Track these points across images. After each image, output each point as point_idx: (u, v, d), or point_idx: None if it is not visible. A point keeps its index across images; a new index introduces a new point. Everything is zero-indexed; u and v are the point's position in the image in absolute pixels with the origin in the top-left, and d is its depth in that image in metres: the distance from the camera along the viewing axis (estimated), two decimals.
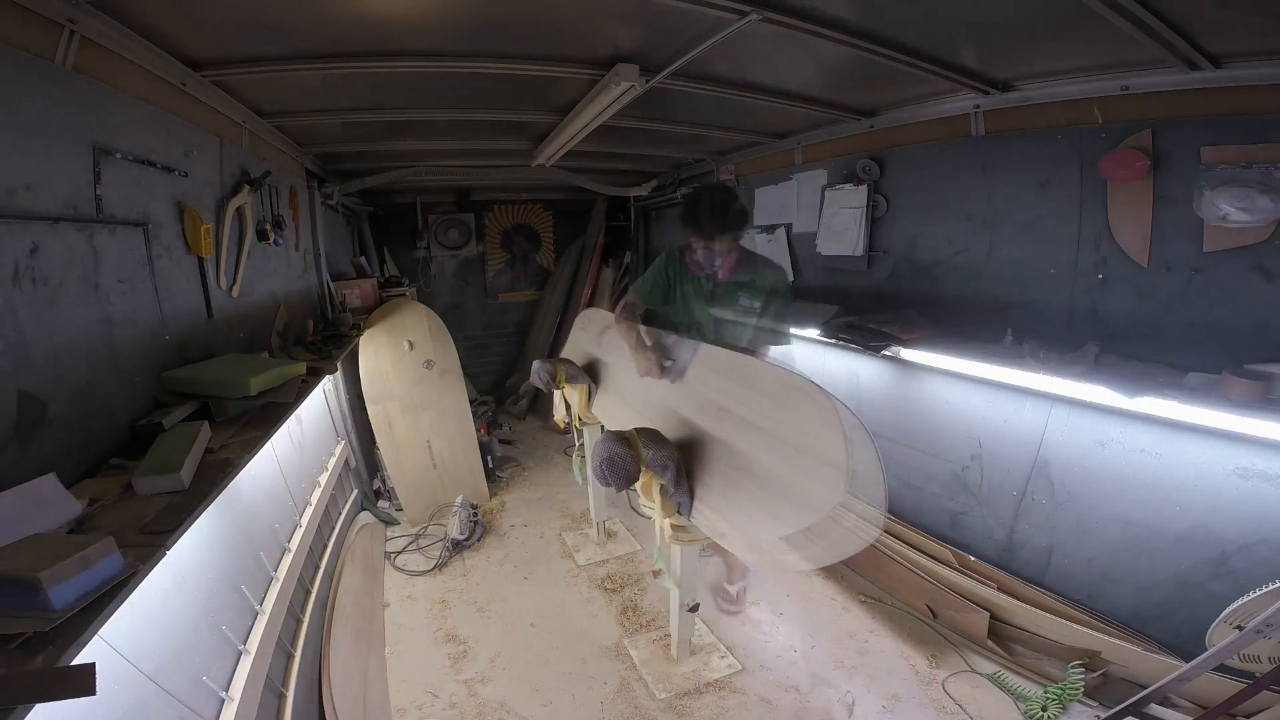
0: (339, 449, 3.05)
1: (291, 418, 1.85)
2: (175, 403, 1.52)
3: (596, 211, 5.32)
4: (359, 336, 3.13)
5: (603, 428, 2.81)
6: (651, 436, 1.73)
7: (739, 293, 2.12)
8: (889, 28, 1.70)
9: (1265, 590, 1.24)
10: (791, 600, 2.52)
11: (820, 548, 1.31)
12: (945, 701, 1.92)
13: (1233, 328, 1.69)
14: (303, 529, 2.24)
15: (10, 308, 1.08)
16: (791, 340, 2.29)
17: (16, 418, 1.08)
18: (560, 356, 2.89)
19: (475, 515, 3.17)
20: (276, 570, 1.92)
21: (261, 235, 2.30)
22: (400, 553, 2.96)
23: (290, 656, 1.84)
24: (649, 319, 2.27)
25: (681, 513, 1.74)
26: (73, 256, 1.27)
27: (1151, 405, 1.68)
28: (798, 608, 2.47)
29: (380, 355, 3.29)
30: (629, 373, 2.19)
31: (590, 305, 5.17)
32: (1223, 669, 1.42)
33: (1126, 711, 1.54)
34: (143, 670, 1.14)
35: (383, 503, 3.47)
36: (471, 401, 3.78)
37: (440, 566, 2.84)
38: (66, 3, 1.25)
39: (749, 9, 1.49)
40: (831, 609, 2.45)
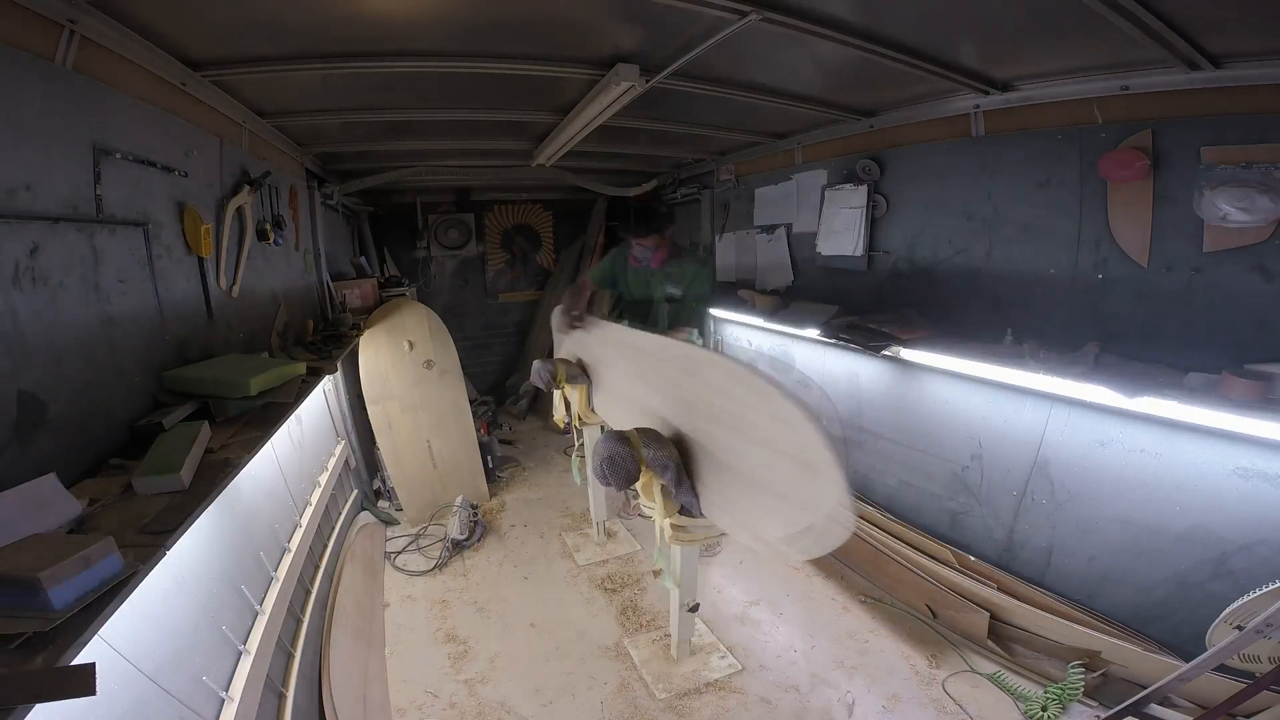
0: (339, 449, 3.05)
1: (291, 418, 1.85)
2: (175, 403, 1.52)
3: (596, 211, 5.32)
4: (359, 336, 3.14)
5: (603, 428, 2.81)
6: (651, 436, 1.73)
7: (664, 280, 2.78)
8: (889, 28, 1.70)
9: (1265, 590, 1.24)
10: (791, 600, 2.52)
11: (808, 540, 1.36)
12: (945, 701, 1.92)
13: (1233, 328, 1.69)
14: (303, 529, 2.24)
15: (10, 308, 1.08)
16: (704, 324, 2.92)
17: (16, 418, 1.08)
18: (560, 357, 2.89)
19: (475, 515, 3.17)
20: (276, 570, 1.92)
21: (261, 235, 2.30)
22: (400, 553, 2.96)
23: (290, 656, 1.84)
24: (597, 299, 2.95)
25: (691, 513, 1.74)
26: (73, 256, 1.27)
27: (1151, 405, 1.68)
28: (798, 608, 2.47)
29: (380, 355, 3.29)
30: (611, 370, 2.45)
31: (590, 305, 5.16)
32: (1223, 669, 1.42)
33: (1126, 711, 1.55)
34: (143, 670, 1.14)
35: (383, 503, 3.47)
36: (471, 401, 3.78)
37: (440, 566, 2.84)
38: (66, 3, 1.25)
39: (749, 9, 1.48)
40: (831, 609, 2.45)
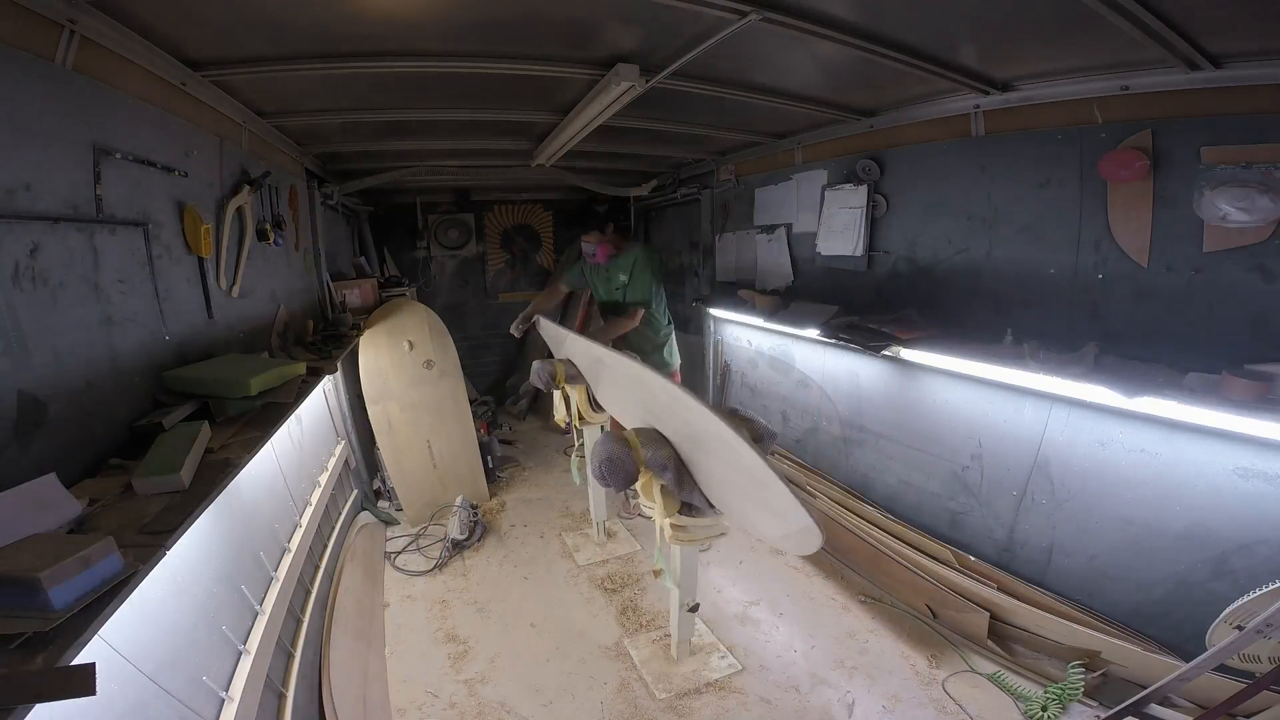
0: (339, 449, 3.05)
1: (291, 418, 1.85)
2: (175, 403, 1.52)
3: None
4: (359, 336, 3.14)
5: (603, 428, 2.81)
6: (650, 437, 1.73)
7: (613, 272, 3.11)
8: (889, 28, 1.69)
9: (1265, 590, 1.24)
10: (791, 600, 2.52)
11: (794, 542, 1.43)
12: (945, 701, 1.92)
13: (1233, 328, 1.69)
14: (303, 529, 2.24)
15: (10, 308, 1.08)
16: (658, 301, 3.10)
17: (16, 418, 1.08)
18: (560, 357, 2.89)
19: (475, 515, 3.17)
20: (276, 570, 1.92)
21: (261, 235, 2.30)
22: (400, 553, 2.96)
23: (290, 656, 1.84)
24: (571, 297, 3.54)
25: (702, 511, 1.75)
26: (73, 256, 1.27)
27: (1151, 405, 1.68)
28: (798, 608, 2.47)
29: (380, 355, 3.29)
30: (599, 379, 2.57)
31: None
32: (1223, 669, 1.42)
33: (1126, 711, 1.54)
34: (143, 670, 1.14)
35: (383, 503, 3.47)
36: (471, 401, 3.78)
37: (440, 566, 2.84)
38: (66, 3, 1.25)
39: (749, 9, 1.48)
40: (831, 609, 2.45)
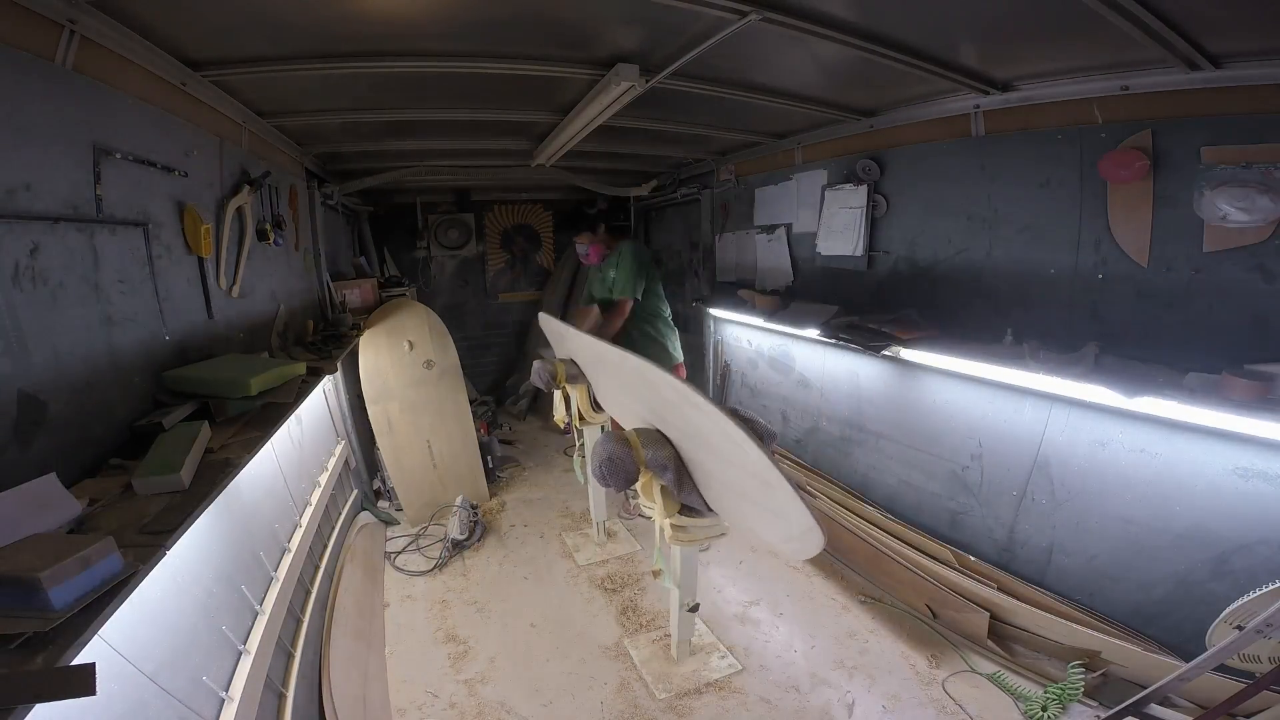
0: (339, 449, 3.05)
1: (291, 418, 1.85)
2: (175, 403, 1.52)
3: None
4: (359, 336, 3.13)
5: (603, 428, 2.81)
6: (651, 437, 1.73)
7: (605, 270, 3.26)
8: (889, 28, 1.69)
9: (1265, 590, 1.24)
10: (791, 600, 2.52)
11: (795, 544, 1.39)
12: (945, 701, 1.92)
13: (1233, 328, 1.69)
14: (303, 529, 2.24)
15: (10, 308, 1.08)
16: (636, 292, 3.14)
17: (16, 418, 1.08)
18: (561, 356, 2.89)
19: (475, 515, 3.17)
20: (276, 570, 1.92)
21: (261, 235, 2.30)
22: (400, 553, 2.96)
23: (290, 656, 1.84)
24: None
25: (701, 512, 1.75)
26: (73, 256, 1.27)
27: (1151, 405, 1.68)
28: (798, 608, 2.47)
29: (380, 355, 3.29)
30: (599, 378, 2.55)
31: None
32: (1223, 669, 1.42)
33: (1126, 711, 1.54)
34: (143, 670, 1.14)
35: (383, 503, 3.47)
36: (471, 401, 3.78)
37: (440, 566, 2.84)
38: (66, 3, 1.25)
39: (749, 9, 1.48)
40: (831, 609, 2.44)
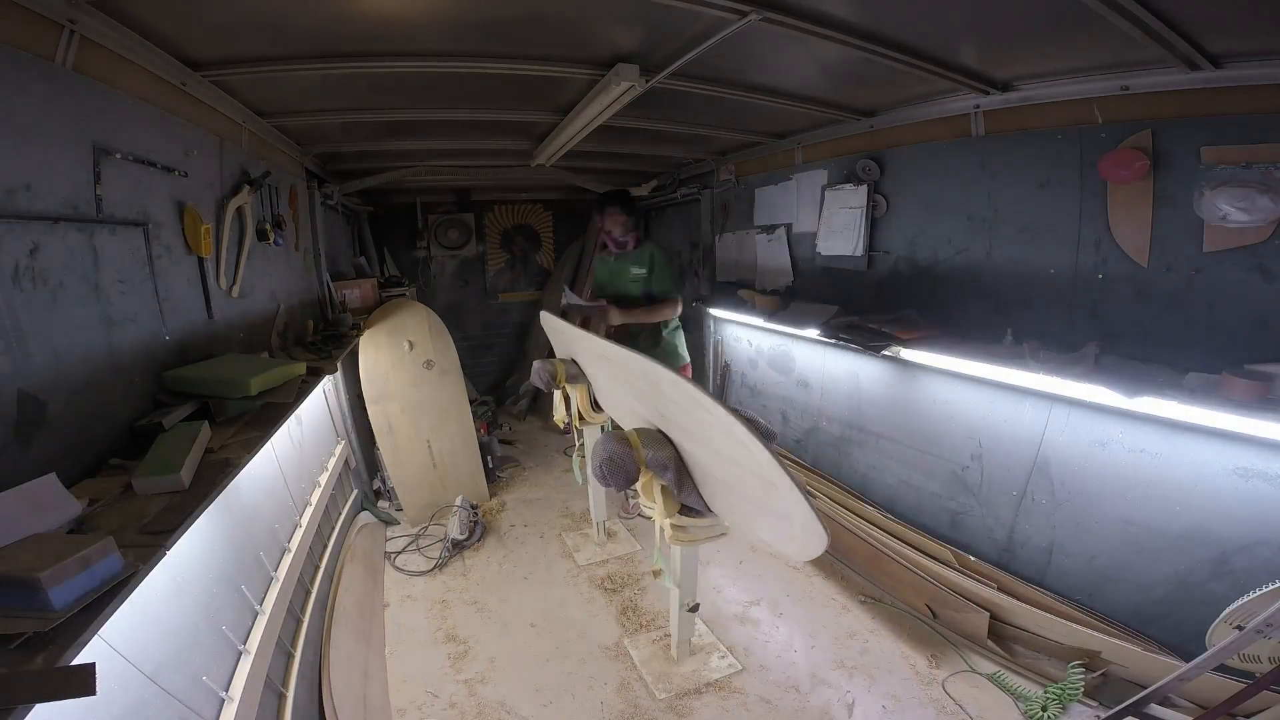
0: (339, 449, 3.05)
1: (291, 418, 1.85)
2: (175, 403, 1.52)
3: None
4: (359, 336, 3.13)
5: (603, 428, 2.81)
6: (651, 437, 1.73)
7: (626, 264, 3.06)
8: (889, 28, 1.69)
9: (1265, 590, 1.24)
10: (791, 600, 2.52)
11: (795, 545, 1.38)
12: (945, 701, 1.92)
13: (1233, 328, 1.69)
14: (303, 529, 2.24)
15: (10, 308, 1.08)
16: (678, 293, 3.05)
17: (16, 418, 1.08)
18: (561, 355, 2.89)
19: (475, 515, 3.17)
20: (276, 570, 1.92)
21: (261, 235, 2.30)
22: (400, 553, 2.96)
23: (290, 656, 1.84)
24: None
25: (700, 512, 1.74)
26: (73, 256, 1.27)
27: (1151, 405, 1.68)
28: (798, 608, 2.47)
29: (380, 355, 3.29)
30: (599, 378, 2.53)
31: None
32: (1223, 669, 1.42)
33: (1126, 711, 1.54)
34: (143, 670, 1.14)
35: (383, 503, 3.47)
36: (471, 401, 3.78)
37: (440, 566, 2.84)
38: (66, 3, 1.25)
39: (749, 9, 1.48)
40: (831, 609, 2.44)
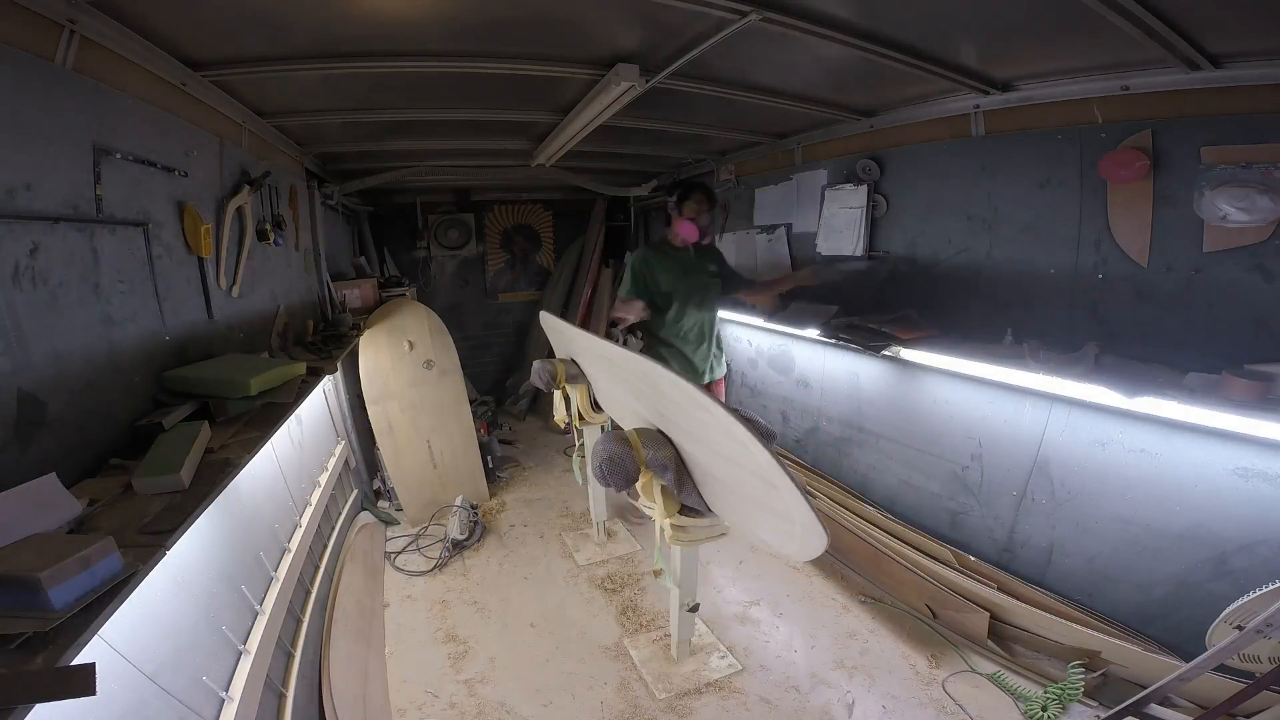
0: (339, 449, 3.05)
1: (291, 418, 1.85)
2: (175, 403, 1.52)
3: (596, 211, 5.32)
4: (359, 336, 3.13)
5: (603, 428, 2.81)
6: (651, 437, 1.73)
7: (708, 262, 2.93)
8: (889, 28, 1.69)
9: (1265, 590, 1.24)
10: (791, 600, 2.52)
11: (795, 546, 1.38)
12: (945, 701, 1.92)
13: (1233, 328, 1.69)
14: (303, 529, 2.23)
15: (10, 308, 1.08)
16: (749, 281, 3.09)
17: (16, 418, 1.08)
18: (561, 356, 2.89)
19: (475, 515, 3.17)
20: (276, 570, 1.92)
21: (261, 235, 2.30)
22: (400, 553, 2.96)
23: (290, 656, 1.84)
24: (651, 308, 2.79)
25: (700, 512, 1.74)
26: (73, 256, 1.27)
27: (1151, 405, 1.68)
28: (798, 608, 2.47)
29: (380, 355, 3.29)
30: (599, 378, 2.51)
31: (590, 305, 5.17)
32: (1223, 669, 1.42)
33: (1126, 711, 1.54)
34: (143, 670, 1.14)
35: (383, 503, 3.47)
36: (471, 401, 3.78)
37: (440, 566, 2.84)
38: (66, 3, 1.25)
39: (749, 9, 1.48)
40: (831, 609, 2.45)
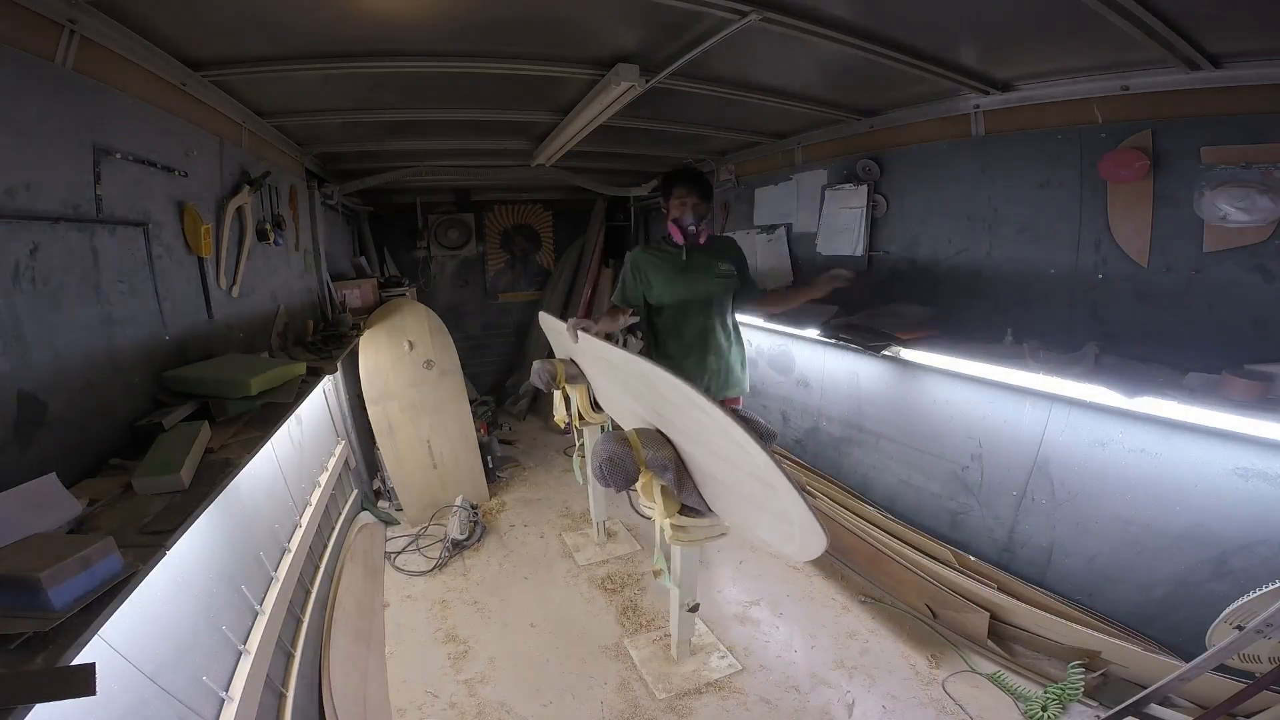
0: (339, 449, 3.05)
1: (291, 418, 1.85)
2: (175, 403, 1.52)
3: (596, 211, 5.32)
4: (359, 336, 3.13)
5: (603, 428, 2.81)
6: (651, 437, 1.73)
7: (715, 261, 2.49)
8: (889, 28, 1.69)
9: (1265, 590, 1.24)
10: (791, 600, 2.52)
11: (795, 546, 1.36)
12: (945, 701, 1.92)
13: (1233, 328, 1.69)
14: (303, 529, 2.24)
15: (10, 308, 1.08)
16: (763, 292, 2.70)
17: (16, 418, 1.08)
18: (559, 357, 2.89)
19: (475, 515, 3.17)
20: (276, 570, 1.92)
21: (261, 235, 2.30)
22: (400, 553, 2.96)
23: (290, 656, 1.84)
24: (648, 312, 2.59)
25: (700, 512, 1.74)
26: (73, 256, 1.27)
27: (1151, 405, 1.68)
28: (798, 608, 2.47)
29: (380, 355, 3.29)
30: (598, 378, 2.43)
31: (590, 305, 5.17)
32: (1223, 669, 1.42)
33: (1126, 711, 1.54)
34: (143, 670, 1.14)
35: (383, 503, 3.47)
36: (471, 401, 3.78)
37: (440, 566, 2.84)
38: (66, 3, 1.25)
39: (749, 9, 1.48)
40: (831, 609, 2.45)
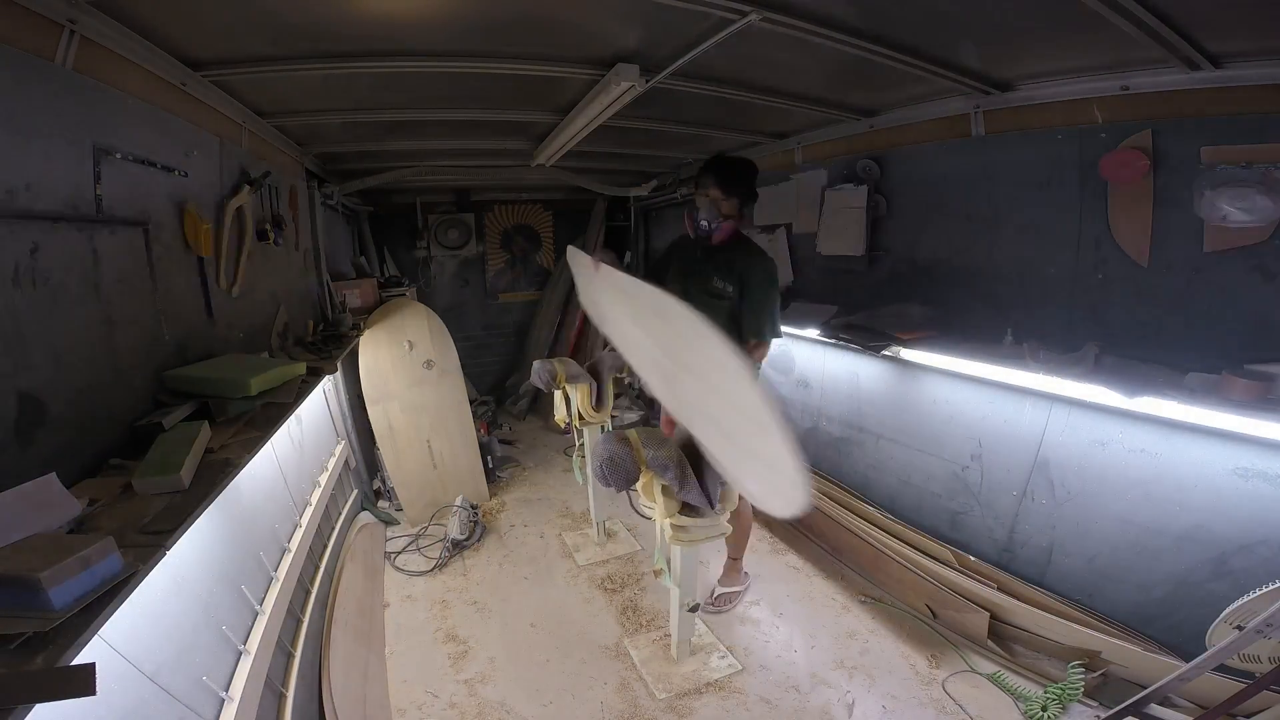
0: (339, 449, 3.05)
1: (291, 418, 1.85)
2: (175, 403, 1.52)
3: (596, 211, 5.32)
4: (359, 336, 3.13)
5: (603, 428, 2.81)
6: (652, 437, 1.73)
7: (714, 273, 2.13)
8: (889, 28, 1.69)
9: (1265, 590, 1.24)
10: (791, 600, 2.52)
11: (779, 500, 1.30)
12: (945, 701, 1.92)
13: (1233, 328, 1.69)
14: (303, 529, 2.24)
15: (10, 308, 1.08)
16: (773, 335, 2.13)
17: (16, 418, 1.08)
18: (558, 357, 2.89)
19: (475, 515, 3.17)
20: (276, 570, 1.92)
21: (261, 235, 2.30)
22: (400, 553, 2.96)
23: (290, 656, 1.84)
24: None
25: (701, 512, 1.74)
26: (73, 256, 1.27)
27: (1151, 405, 1.68)
28: (798, 608, 2.47)
29: (380, 355, 3.29)
30: (619, 320, 2.19)
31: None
32: (1223, 669, 1.42)
33: (1126, 711, 1.55)
34: (143, 670, 1.14)
35: (383, 503, 3.47)
36: (471, 401, 3.78)
37: (440, 566, 2.84)
38: (66, 3, 1.25)
39: (749, 9, 1.48)
40: (831, 609, 2.44)
